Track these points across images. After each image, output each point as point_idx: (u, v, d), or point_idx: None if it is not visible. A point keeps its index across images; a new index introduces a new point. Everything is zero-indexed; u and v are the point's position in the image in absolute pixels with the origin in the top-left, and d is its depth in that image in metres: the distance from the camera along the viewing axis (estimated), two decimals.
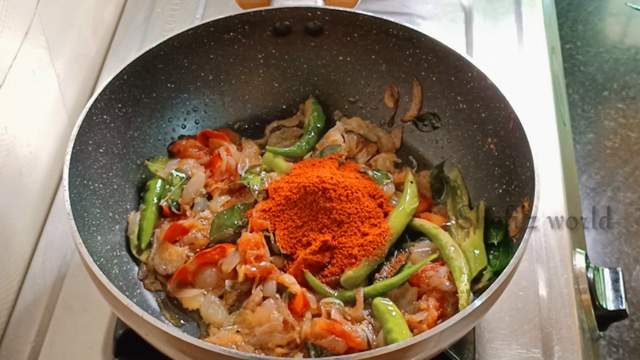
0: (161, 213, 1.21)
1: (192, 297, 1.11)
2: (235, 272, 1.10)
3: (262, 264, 1.09)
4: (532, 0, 1.72)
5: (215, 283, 1.12)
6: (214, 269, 1.12)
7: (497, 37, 1.65)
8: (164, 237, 1.16)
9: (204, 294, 1.11)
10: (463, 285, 1.07)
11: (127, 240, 1.17)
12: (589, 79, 2.82)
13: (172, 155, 1.29)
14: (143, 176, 1.24)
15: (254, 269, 1.08)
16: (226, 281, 1.10)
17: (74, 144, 1.07)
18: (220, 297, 1.11)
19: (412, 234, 1.19)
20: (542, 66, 1.59)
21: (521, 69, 1.57)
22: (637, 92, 2.78)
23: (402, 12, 1.68)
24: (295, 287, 1.07)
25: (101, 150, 1.16)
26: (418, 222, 1.19)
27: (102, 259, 1.08)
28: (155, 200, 1.20)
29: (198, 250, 1.16)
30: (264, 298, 1.07)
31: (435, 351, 0.95)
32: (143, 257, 1.16)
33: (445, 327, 0.88)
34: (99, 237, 1.10)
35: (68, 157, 1.05)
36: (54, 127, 1.37)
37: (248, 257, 1.09)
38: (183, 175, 1.24)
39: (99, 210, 1.13)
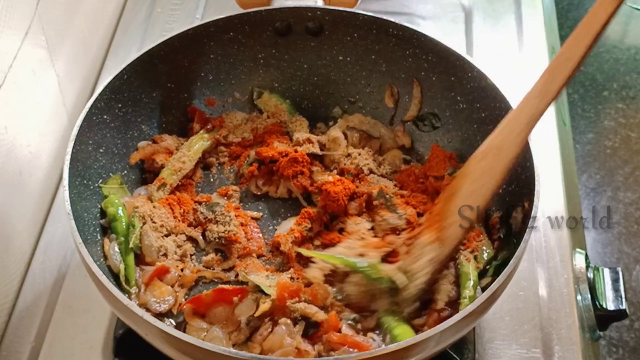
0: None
1: (197, 329, 1.05)
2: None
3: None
4: (532, 0, 1.72)
5: (225, 319, 1.05)
6: (228, 308, 1.06)
7: (497, 37, 1.65)
8: (148, 279, 1.09)
9: (208, 330, 1.05)
10: (467, 291, 1.05)
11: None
12: (589, 79, 2.81)
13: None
14: (143, 176, 1.24)
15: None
16: (242, 318, 1.04)
17: (74, 144, 1.07)
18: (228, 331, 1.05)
19: None
20: (542, 66, 1.58)
21: (521, 69, 1.56)
22: (637, 92, 2.78)
23: (402, 12, 1.68)
24: (319, 314, 1.02)
25: (101, 150, 1.16)
26: None
27: (102, 259, 1.08)
28: (123, 239, 1.09)
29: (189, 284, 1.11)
30: (274, 325, 1.02)
31: (435, 351, 0.95)
32: (133, 290, 1.08)
33: (445, 327, 0.88)
34: (99, 237, 1.10)
35: (68, 157, 1.05)
36: (54, 127, 1.37)
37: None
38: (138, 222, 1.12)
39: (99, 211, 1.13)
